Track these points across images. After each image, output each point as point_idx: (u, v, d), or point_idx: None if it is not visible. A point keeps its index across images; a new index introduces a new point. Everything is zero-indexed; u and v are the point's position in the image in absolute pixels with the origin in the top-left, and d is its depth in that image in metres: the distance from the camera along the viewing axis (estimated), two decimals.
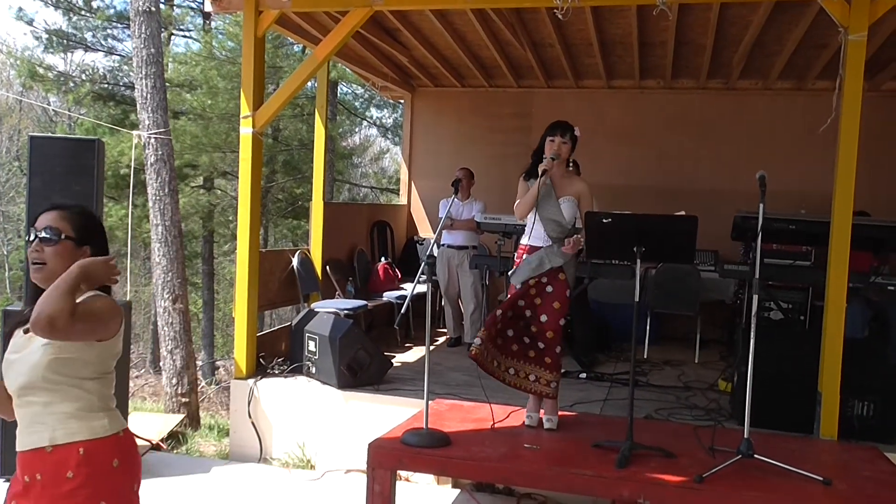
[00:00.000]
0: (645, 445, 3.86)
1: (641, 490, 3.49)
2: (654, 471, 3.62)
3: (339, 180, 19.73)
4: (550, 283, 4.17)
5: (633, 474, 3.57)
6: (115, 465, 2.12)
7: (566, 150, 4.20)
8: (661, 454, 3.83)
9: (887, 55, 6.52)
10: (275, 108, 5.50)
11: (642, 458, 3.77)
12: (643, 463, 3.71)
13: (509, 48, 7.31)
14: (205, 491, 4.64)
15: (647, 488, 3.49)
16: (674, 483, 3.50)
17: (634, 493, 3.49)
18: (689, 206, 5.98)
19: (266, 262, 6.17)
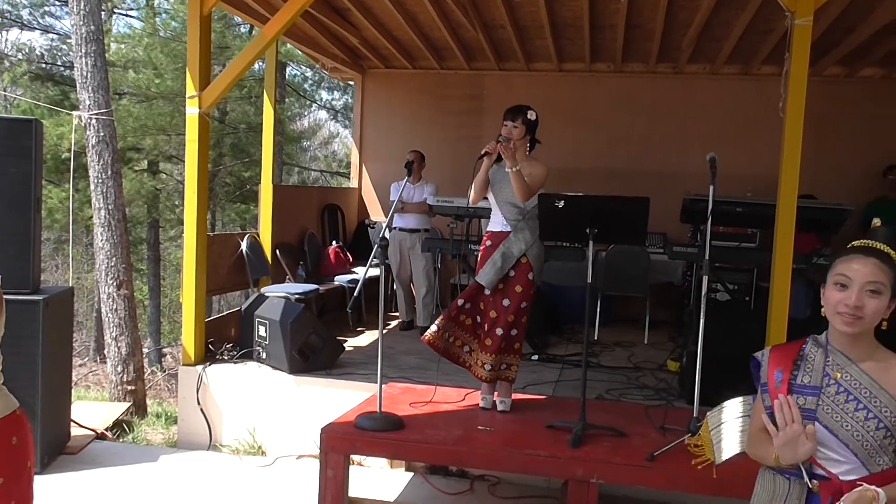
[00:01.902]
0: (597, 425, 3.89)
1: (594, 469, 3.52)
2: (607, 450, 3.65)
3: (289, 164, 19.46)
4: (513, 268, 4.17)
5: (586, 454, 3.60)
6: (14, 443, 2.22)
7: (517, 134, 4.17)
8: (613, 434, 3.87)
9: (830, 41, 6.65)
10: (222, 88, 5.36)
11: (595, 438, 3.80)
12: (596, 443, 3.74)
13: (461, 29, 7.26)
14: (152, 480, 4.54)
15: (599, 467, 3.52)
16: (626, 462, 3.54)
17: (588, 472, 3.52)
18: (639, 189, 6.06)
19: (214, 246, 6.05)
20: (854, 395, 1.93)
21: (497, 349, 4.17)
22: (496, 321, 4.16)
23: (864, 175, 7.50)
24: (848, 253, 1.95)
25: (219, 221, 18.44)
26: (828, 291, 1.94)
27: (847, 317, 1.88)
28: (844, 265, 1.92)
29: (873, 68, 7.55)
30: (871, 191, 7.35)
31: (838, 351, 1.98)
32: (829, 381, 1.96)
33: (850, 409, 1.92)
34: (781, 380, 1.99)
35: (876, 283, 1.87)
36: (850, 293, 1.88)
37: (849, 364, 1.96)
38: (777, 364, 2.03)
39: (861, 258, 1.91)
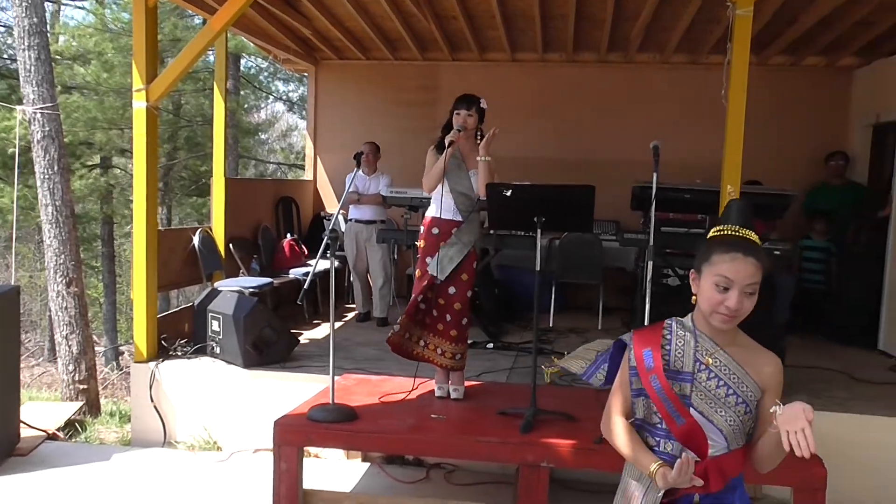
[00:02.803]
0: (548, 411, 3.96)
1: (545, 454, 3.58)
2: (557, 435, 3.72)
3: (245, 157, 19.25)
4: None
5: (537, 439, 3.66)
6: None
7: (472, 123, 4.22)
8: (563, 418, 3.94)
9: (773, 31, 6.79)
10: (170, 80, 5.29)
11: (545, 423, 3.86)
12: (546, 428, 3.80)
13: (413, 20, 7.26)
14: (105, 479, 4.50)
15: (549, 452, 3.58)
16: (575, 445, 3.61)
17: (538, 457, 3.58)
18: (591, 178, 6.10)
19: (166, 241, 5.98)
20: (724, 380, 1.98)
21: (449, 336, 4.22)
22: (445, 308, 4.20)
23: (808, 161, 7.68)
24: (727, 248, 1.94)
25: (175, 216, 18.19)
26: (705, 285, 1.95)
27: (726, 317, 1.93)
28: (726, 265, 1.91)
29: (816, 57, 7.72)
30: (814, 177, 7.53)
31: (706, 336, 2.02)
32: (701, 366, 2.00)
33: (721, 394, 1.98)
34: (654, 364, 2.01)
35: (753, 285, 1.92)
36: (731, 295, 1.90)
37: (717, 350, 2.01)
38: (644, 345, 2.05)
39: (741, 258, 1.91)
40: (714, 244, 1.98)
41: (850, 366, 5.66)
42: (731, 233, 1.99)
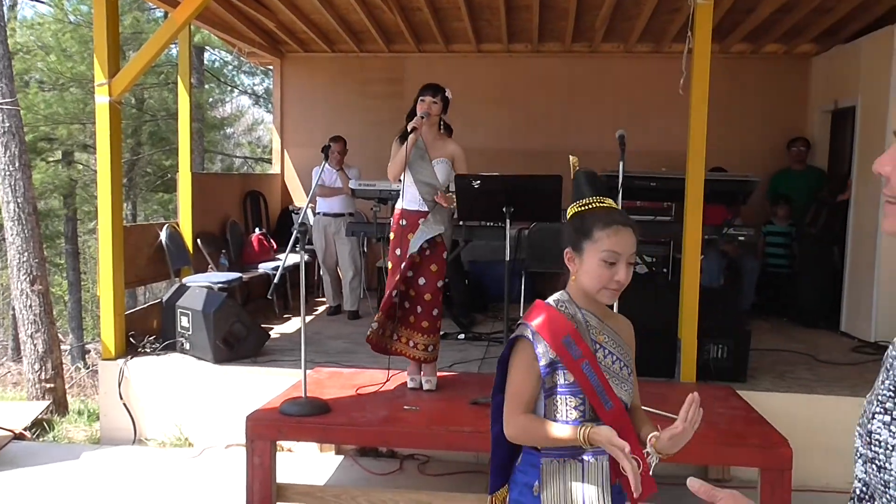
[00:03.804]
0: None
1: None
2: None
3: (211, 151, 19.05)
4: (429, 247, 4.22)
5: None
6: None
7: (436, 110, 4.23)
8: None
9: (734, 19, 6.89)
10: (132, 74, 5.23)
11: None
12: None
13: (378, 12, 7.23)
14: (74, 478, 4.46)
15: None
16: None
17: None
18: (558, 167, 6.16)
19: (132, 237, 5.92)
20: (616, 354, 1.99)
21: (420, 328, 4.24)
22: (416, 299, 4.22)
23: (771, 147, 7.81)
24: (606, 222, 1.92)
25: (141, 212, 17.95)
26: (591, 263, 1.91)
27: (615, 291, 1.92)
28: (612, 239, 1.90)
29: (776, 44, 7.84)
30: (776, 163, 7.66)
31: (590, 313, 2.00)
32: (596, 345, 1.97)
33: (617, 369, 1.97)
34: (581, 351, 1.92)
35: (634, 255, 1.93)
36: (620, 268, 1.90)
37: (601, 324, 2.01)
38: (558, 334, 1.94)
39: (623, 229, 1.91)
40: (589, 219, 1.94)
41: (813, 348, 5.79)
42: (600, 204, 1.96)
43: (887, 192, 1.06)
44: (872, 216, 5.94)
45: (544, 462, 1.96)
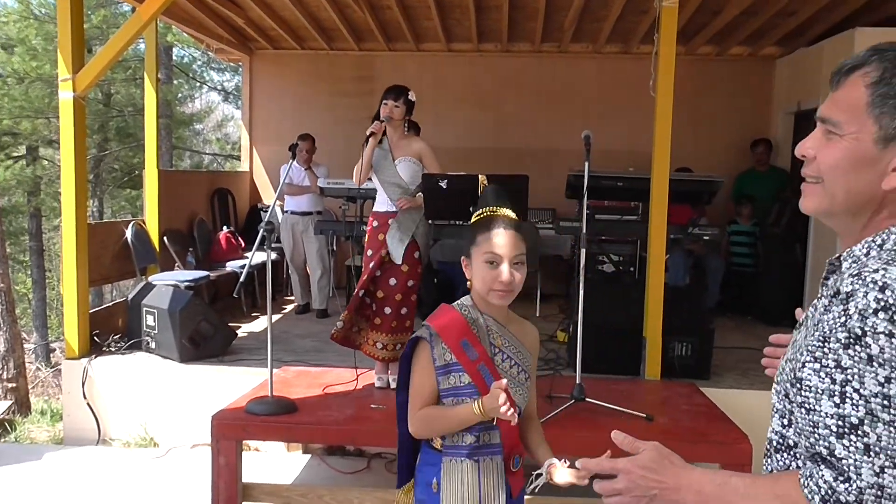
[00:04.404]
0: None
1: None
2: None
3: (180, 147, 18.85)
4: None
5: None
6: None
7: (399, 113, 4.24)
8: None
9: (700, 21, 6.98)
10: (97, 70, 5.16)
11: None
12: None
13: (347, 10, 7.21)
14: (36, 479, 4.40)
15: None
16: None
17: None
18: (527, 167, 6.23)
19: (97, 235, 5.85)
20: (514, 359, 2.06)
21: (389, 328, 4.24)
22: (385, 301, 4.23)
23: (736, 148, 7.92)
24: (488, 226, 2.01)
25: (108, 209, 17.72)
26: (477, 266, 2.01)
27: (501, 293, 1.98)
28: (491, 242, 1.98)
29: (741, 46, 7.96)
30: (741, 163, 7.77)
31: (491, 318, 2.07)
32: (495, 349, 2.04)
33: (514, 373, 2.04)
34: (478, 353, 1.99)
35: (520, 255, 2.00)
36: (502, 269, 1.97)
37: (503, 329, 2.07)
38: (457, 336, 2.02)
39: (503, 232, 1.99)
40: (476, 227, 2.05)
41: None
42: (490, 213, 2.06)
43: (809, 171, 1.23)
44: None
45: (444, 461, 2.05)
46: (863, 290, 1.08)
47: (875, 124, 1.15)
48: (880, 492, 1.03)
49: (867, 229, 1.21)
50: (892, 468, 1.03)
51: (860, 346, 1.06)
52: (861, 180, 1.17)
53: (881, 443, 1.03)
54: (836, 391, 1.07)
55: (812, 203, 1.26)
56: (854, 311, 1.07)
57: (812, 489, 1.08)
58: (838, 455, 1.06)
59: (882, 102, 1.15)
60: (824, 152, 1.21)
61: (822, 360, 1.10)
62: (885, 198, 1.17)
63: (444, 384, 2.01)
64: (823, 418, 1.08)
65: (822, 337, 1.11)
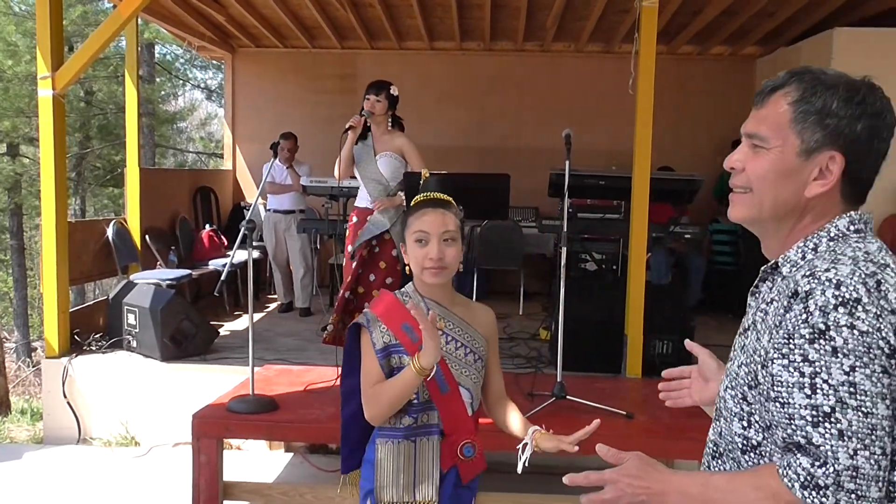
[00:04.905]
0: None
1: None
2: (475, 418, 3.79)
3: (163, 146, 18.74)
4: (378, 244, 4.25)
5: None
6: None
7: (380, 108, 4.25)
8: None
9: (681, 21, 7.03)
10: (77, 68, 5.12)
11: None
12: None
13: (329, 8, 7.21)
14: (15, 478, 4.37)
15: None
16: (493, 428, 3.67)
17: None
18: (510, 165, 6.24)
19: (77, 233, 5.82)
20: (461, 341, 2.07)
21: None
22: (365, 297, 4.25)
23: (717, 147, 7.95)
24: (418, 209, 2.06)
25: (90, 207, 17.60)
26: (410, 249, 2.05)
27: (433, 269, 2.00)
28: (419, 221, 2.02)
29: (722, 46, 8.02)
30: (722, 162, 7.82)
31: (433, 301, 2.07)
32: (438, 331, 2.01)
33: (460, 355, 2.06)
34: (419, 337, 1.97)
35: (449, 232, 2.01)
36: (431, 246, 1.99)
37: (446, 311, 2.08)
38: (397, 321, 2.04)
39: (430, 211, 2.03)
40: (408, 213, 2.11)
41: None
42: (421, 198, 2.09)
43: (738, 182, 1.34)
44: None
45: (379, 443, 2.06)
46: (820, 288, 1.17)
47: (798, 138, 1.27)
48: (855, 472, 1.11)
49: (792, 235, 1.32)
50: (864, 450, 1.11)
51: (825, 339, 1.14)
52: (786, 189, 1.29)
53: (853, 427, 1.11)
54: (807, 383, 1.15)
55: (741, 211, 1.36)
56: (815, 309, 1.16)
57: (791, 477, 1.15)
58: (816, 443, 1.13)
59: (804, 118, 1.27)
60: (752, 164, 1.32)
61: (790, 356, 1.17)
62: (807, 205, 1.29)
63: (385, 366, 2.02)
64: (798, 410, 1.15)
65: (787, 335, 1.19)
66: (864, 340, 1.13)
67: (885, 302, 1.15)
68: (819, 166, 1.26)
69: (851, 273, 1.17)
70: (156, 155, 17.09)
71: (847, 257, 1.21)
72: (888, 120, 1.28)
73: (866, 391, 1.12)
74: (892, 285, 1.17)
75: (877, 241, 1.28)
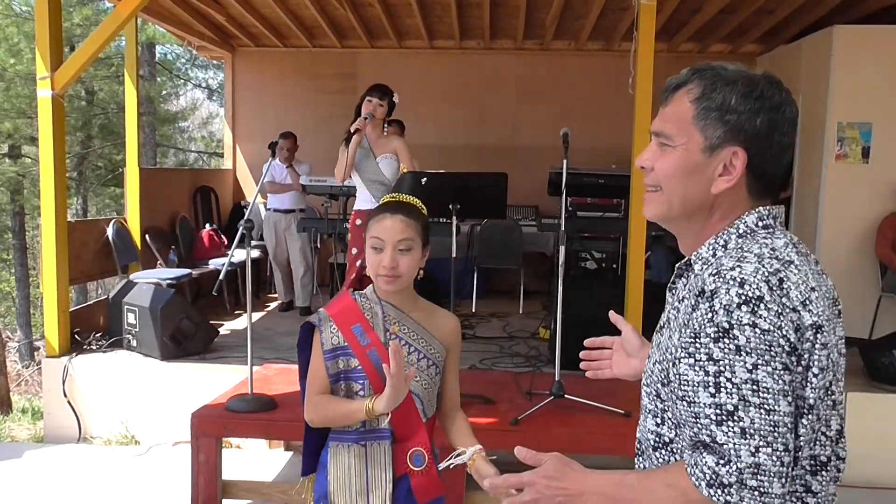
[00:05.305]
0: (466, 394, 4.01)
1: None
2: (474, 417, 3.73)
3: (165, 145, 18.77)
4: None
5: None
6: None
7: (381, 112, 4.27)
8: (481, 401, 4.02)
9: (681, 19, 7.03)
10: (76, 68, 5.13)
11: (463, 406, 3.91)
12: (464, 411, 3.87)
13: (329, 7, 7.21)
14: (16, 476, 4.39)
15: None
16: (491, 427, 3.69)
17: None
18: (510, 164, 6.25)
19: (77, 233, 5.83)
20: (414, 346, 2.03)
21: None
22: None
23: None
24: (378, 212, 2.02)
25: (92, 207, 17.62)
26: (368, 255, 2.01)
27: (386, 278, 1.97)
28: (377, 227, 1.98)
29: (721, 44, 8.02)
30: None
31: (391, 305, 2.05)
32: (390, 336, 2.02)
33: (413, 359, 2.01)
34: (370, 339, 1.99)
35: (405, 241, 1.96)
36: (385, 254, 1.95)
37: (403, 316, 2.04)
38: (349, 322, 2.02)
39: (388, 217, 1.98)
40: (370, 214, 2.07)
41: None
42: (387, 200, 2.07)
43: (648, 181, 1.34)
44: (812, 212, 6.11)
45: (331, 445, 2.05)
46: (724, 286, 1.17)
47: (701, 135, 1.27)
48: (757, 469, 1.12)
49: (704, 231, 1.32)
50: (765, 447, 1.12)
51: (728, 338, 1.15)
52: (693, 186, 1.29)
53: (754, 425, 1.12)
54: (711, 382, 1.15)
55: (652, 210, 1.36)
56: (720, 307, 1.17)
57: (698, 476, 1.15)
58: (719, 441, 1.14)
59: (705, 115, 1.27)
60: (660, 163, 1.31)
61: (696, 354, 1.18)
62: (715, 202, 1.29)
63: (332, 368, 2.00)
64: (703, 409, 1.16)
65: (693, 334, 1.19)
66: (765, 339, 1.13)
67: (786, 300, 1.16)
68: (723, 162, 1.26)
69: (755, 271, 1.17)
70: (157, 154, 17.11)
71: (753, 254, 1.21)
72: (788, 114, 1.28)
73: (768, 389, 1.13)
74: (794, 283, 1.17)
75: (784, 236, 1.27)
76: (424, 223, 2.04)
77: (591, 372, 1.75)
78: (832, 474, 1.25)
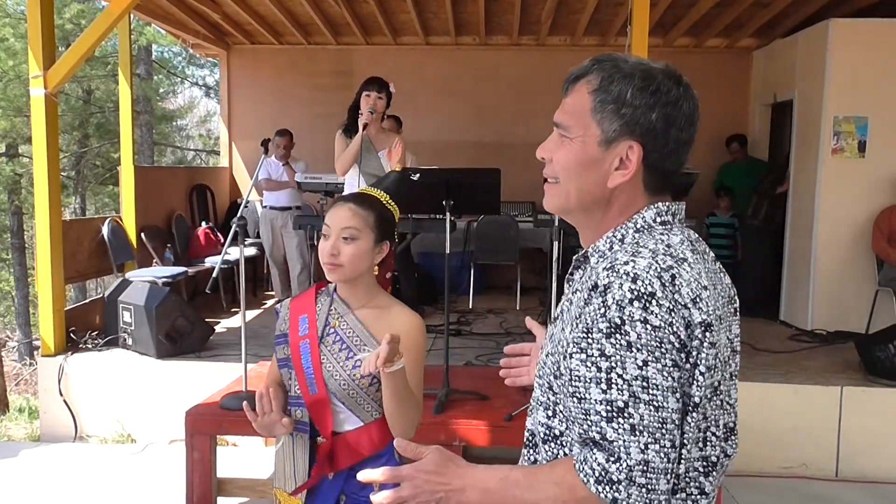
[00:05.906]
0: (461, 391, 4.02)
1: (457, 433, 3.65)
2: (469, 414, 3.79)
3: (162, 144, 18.75)
4: None
5: (449, 419, 3.72)
6: None
7: (381, 105, 4.27)
8: (476, 398, 4.01)
9: (677, 13, 7.01)
10: (69, 66, 5.12)
11: (459, 403, 3.93)
12: (459, 408, 3.87)
13: (324, 4, 7.20)
14: (12, 476, 4.38)
15: (461, 431, 3.65)
16: (486, 423, 3.69)
17: (450, 436, 3.65)
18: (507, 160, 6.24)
19: (72, 232, 5.83)
20: (347, 343, 1.96)
21: None
22: None
23: (714, 141, 7.94)
24: (335, 202, 2.02)
25: (91, 205, 17.61)
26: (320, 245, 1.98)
27: (329, 266, 1.93)
28: (328, 215, 1.96)
29: (718, 38, 7.99)
30: (718, 156, 7.80)
31: (341, 300, 2.01)
32: (330, 329, 1.98)
33: (342, 357, 1.95)
34: (308, 331, 1.97)
35: (349, 229, 1.92)
36: (329, 242, 1.92)
37: (347, 312, 1.99)
38: (299, 311, 2.02)
39: (339, 206, 1.96)
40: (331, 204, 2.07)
41: (752, 336, 5.92)
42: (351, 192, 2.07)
43: (548, 172, 1.31)
44: (809, 207, 6.10)
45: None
46: (618, 281, 1.15)
47: (598, 128, 1.25)
48: (646, 467, 1.11)
49: (602, 225, 1.29)
50: (654, 443, 1.11)
51: (620, 334, 1.13)
52: (589, 180, 1.26)
53: (644, 422, 1.11)
54: (603, 378, 1.13)
55: (551, 202, 1.33)
56: (612, 303, 1.14)
57: (587, 472, 1.14)
58: (609, 438, 1.12)
59: (602, 108, 1.24)
60: (558, 154, 1.29)
61: (588, 350, 1.15)
62: (611, 196, 1.27)
63: (279, 353, 2.04)
64: (594, 405, 1.14)
65: (586, 329, 1.16)
66: (656, 335, 1.12)
67: (678, 296, 1.14)
68: (619, 156, 1.24)
69: (648, 267, 1.15)
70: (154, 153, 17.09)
71: (648, 250, 1.19)
72: (685, 109, 1.26)
73: (658, 385, 1.11)
74: (685, 280, 1.16)
75: (682, 233, 1.26)
76: (380, 216, 1.99)
77: (510, 379, 1.70)
78: (721, 471, 1.24)
